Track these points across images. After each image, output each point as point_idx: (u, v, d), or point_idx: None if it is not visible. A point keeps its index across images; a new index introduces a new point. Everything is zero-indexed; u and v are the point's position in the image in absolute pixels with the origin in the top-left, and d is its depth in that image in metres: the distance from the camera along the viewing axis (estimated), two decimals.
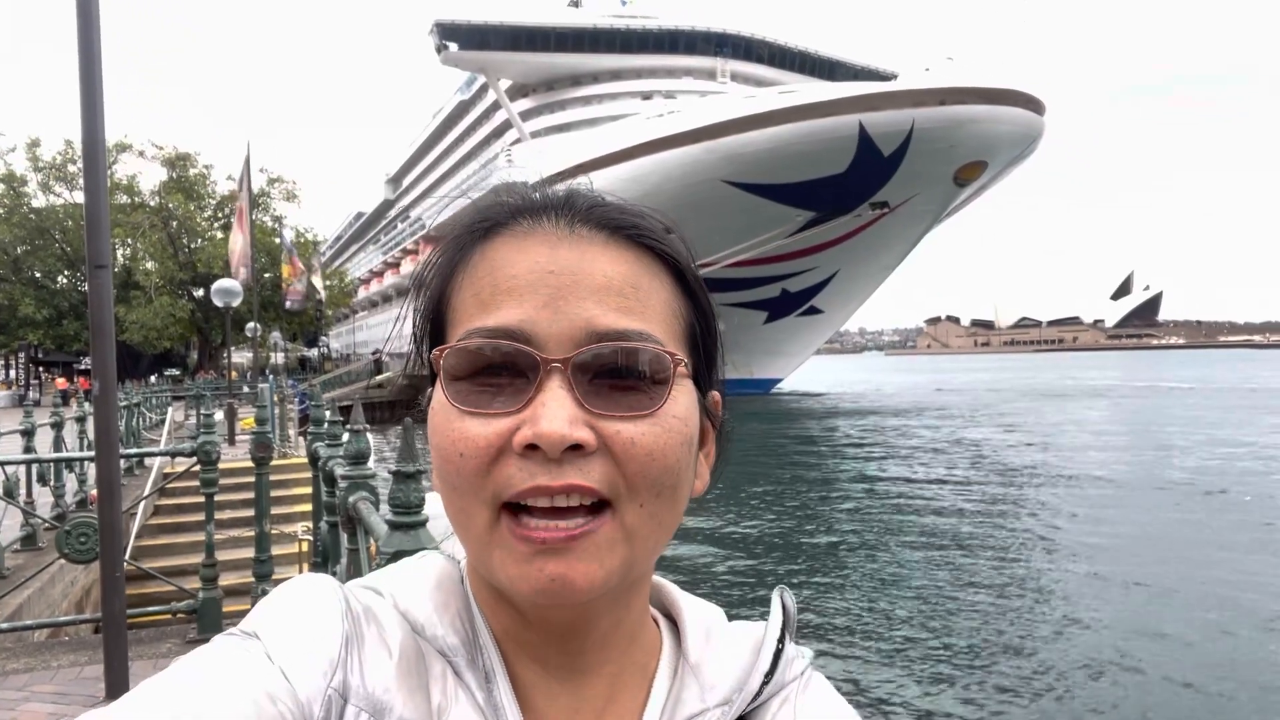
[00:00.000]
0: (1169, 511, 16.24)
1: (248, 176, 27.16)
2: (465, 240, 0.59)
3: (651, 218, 0.60)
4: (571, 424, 0.50)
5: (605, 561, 0.52)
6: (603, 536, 0.52)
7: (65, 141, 44.84)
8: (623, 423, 0.52)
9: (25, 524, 7.88)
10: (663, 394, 0.53)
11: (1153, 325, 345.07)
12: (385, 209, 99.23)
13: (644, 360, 0.53)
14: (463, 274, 0.58)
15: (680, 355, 0.55)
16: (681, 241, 0.61)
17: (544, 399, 0.51)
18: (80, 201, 41.40)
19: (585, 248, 0.55)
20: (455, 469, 0.52)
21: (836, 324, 57.39)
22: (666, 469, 0.53)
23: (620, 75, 55.45)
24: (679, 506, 0.56)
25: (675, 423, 0.54)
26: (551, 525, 0.51)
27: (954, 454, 25.50)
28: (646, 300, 0.56)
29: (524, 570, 0.51)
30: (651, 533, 0.54)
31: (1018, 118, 39.04)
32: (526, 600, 0.53)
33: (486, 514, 0.52)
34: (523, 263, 0.55)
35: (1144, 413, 40.54)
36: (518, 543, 0.51)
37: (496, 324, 0.53)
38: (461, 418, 0.52)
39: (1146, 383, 70.71)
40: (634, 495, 0.52)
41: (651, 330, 0.54)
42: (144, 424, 17.99)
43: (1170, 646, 9.05)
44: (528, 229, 0.57)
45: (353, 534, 3.11)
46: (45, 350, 48.42)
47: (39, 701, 4.30)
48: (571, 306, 0.53)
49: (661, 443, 0.53)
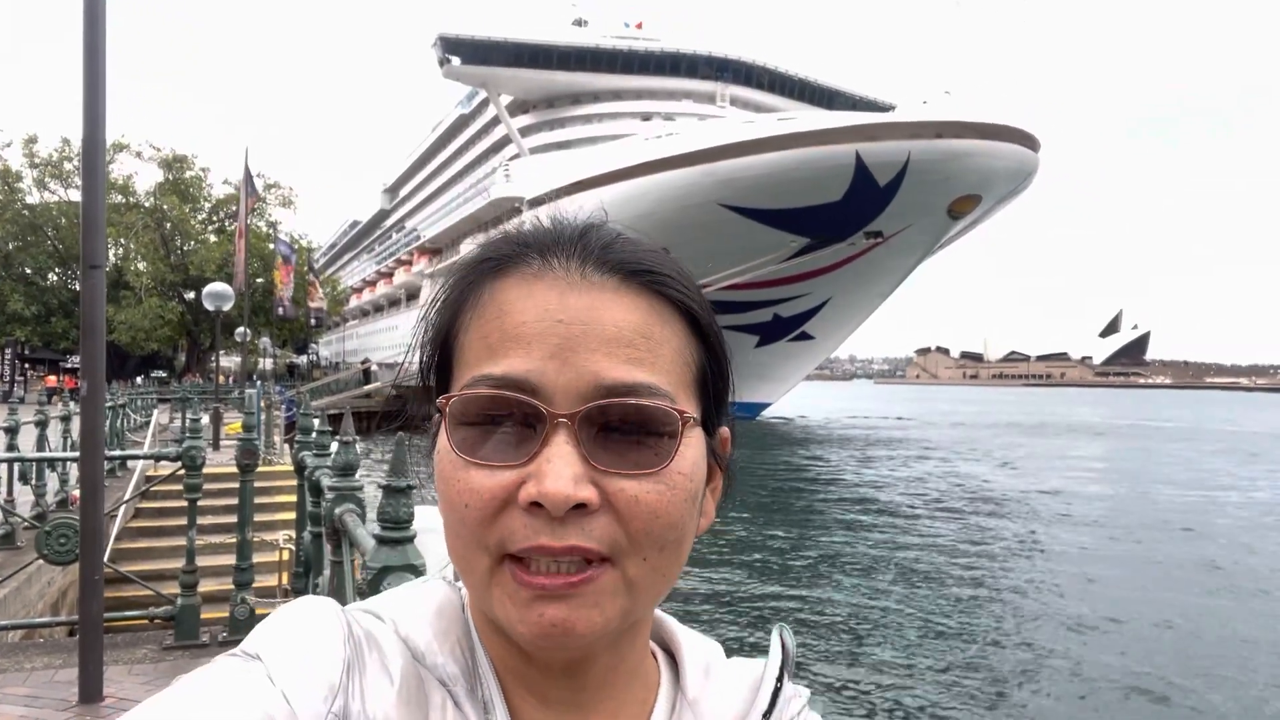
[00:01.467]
0: (1159, 548, 16.31)
1: (247, 181, 27.18)
2: (474, 276, 0.58)
3: (666, 259, 0.59)
4: (576, 483, 0.50)
5: (605, 609, 0.52)
6: (603, 585, 0.52)
7: (62, 139, 44.91)
8: (627, 480, 0.52)
9: (4, 522, 7.81)
10: (670, 449, 0.53)
11: (1140, 364, 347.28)
12: (381, 219, 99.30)
13: (651, 416, 0.53)
14: (471, 313, 0.57)
15: (688, 411, 0.54)
16: (693, 283, 0.60)
17: (550, 454, 0.51)
18: (75, 199, 41.36)
19: (596, 295, 0.54)
20: (459, 518, 0.53)
21: (827, 350, 57.50)
22: (670, 525, 0.53)
23: (621, 95, 55.77)
24: (682, 557, 0.56)
25: (681, 479, 0.53)
26: (552, 571, 0.51)
27: (943, 485, 25.55)
28: (657, 350, 0.55)
29: (524, 614, 0.51)
30: (653, 584, 0.55)
31: (1012, 153, 39.37)
32: (526, 644, 0.53)
33: (488, 561, 0.52)
34: (532, 309, 0.54)
35: (1135, 454, 40.72)
36: (519, 587, 0.51)
37: (504, 373, 0.52)
38: (466, 468, 0.52)
39: (1133, 421, 71.06)
40: (637, 551, 0.52)
41: (660, 382, 0.54)
42: (128, 425, 17.86)
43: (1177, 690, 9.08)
44: (538, 271, 0.56)
45: (337, 546, 3.09)
46: (32, 347, 48.17)
47: (10, 704, 4.24)
48: (580, 358, 0.52)
49: (666, 500, 0.52)
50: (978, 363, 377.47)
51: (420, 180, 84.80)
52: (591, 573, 0.51)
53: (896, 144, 37.71)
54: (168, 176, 47.83)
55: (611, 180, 44.19)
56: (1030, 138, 40.12)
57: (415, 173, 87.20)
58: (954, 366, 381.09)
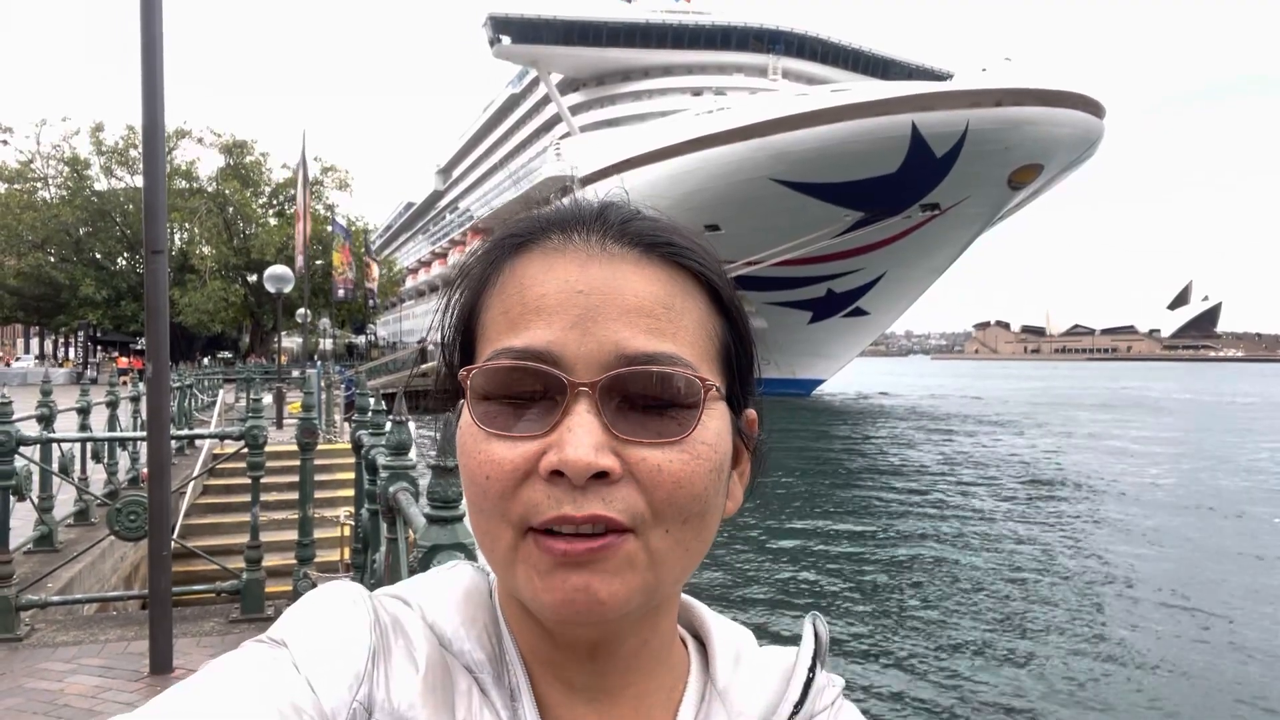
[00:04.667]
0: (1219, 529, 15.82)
1: (304, 167, 27.63)
2: (496, 255, 0.58)
3: (686, 232, 0.59)
4: (597, 451, 0.50)
5: (627, 579, 0.51)
6: (625, 553, 0.51)
7: (127, 127, 45.99)
8: (650, 449, 0.51)
9: (79, 499, 8.08)
10: (692, 419, 0.52)
11: (1211, 337, 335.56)
12: (435, 200, 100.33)
13: (673, 385, 0.52)
14: (493, 289, 0.57)
15: (711, 379, 0.54)
16: (714, 257, 0.59)
17: (570, 424, 0.50)
18: (140, 186, 42.16)
19: (617, 265, 0.54)
20: (481, 491, 0.52)
21: (882, 326, 56.77)
22: (694, 496, 0.52)
23: (671, 71, 55.37)
24: (708, 533, 0.55)
25: (704, 449, 0.53)
26: (575, 538, 0.50)
27: (1008, 466, 25.08)
28: (678, 321, 0.54)
29: (547, 583, 0.51)
30: (678, 559, 0.54)
31: (1076, 120, 38.17)
32: (550, 614, 0.52)
33: (511, 535, 0.52)
34: (552, 281, 0.54)
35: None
36: (542, 555, 0.51)
37: (524, 344, 0.52)
38: (488, 440, 0.52)
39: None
40: (660, 522, 0.52)
41: (682, 352, 0.53)
42: (195, 405, 18.39)
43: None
44: (559, 246, 0.56)
45: (392, 523, 3.14)
46: (104, 330, 49.79)
47: (86, 674, 4.42)
48: (600, 328, 0.52)
49: (689, 469, 0.52)
50: (1039, 337, 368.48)
51: (472, 161, 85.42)
52: (613, 539, 0.50)
53: (954, 113, 36.83)
54: (229, 162, 48.84)
55: (662, 157, 43.99)
56: (1095, 104, 38.83)
57: (467, 153, 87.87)
58: (1014, 341, 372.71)
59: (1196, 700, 8.11)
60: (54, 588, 5.81)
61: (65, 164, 46.67)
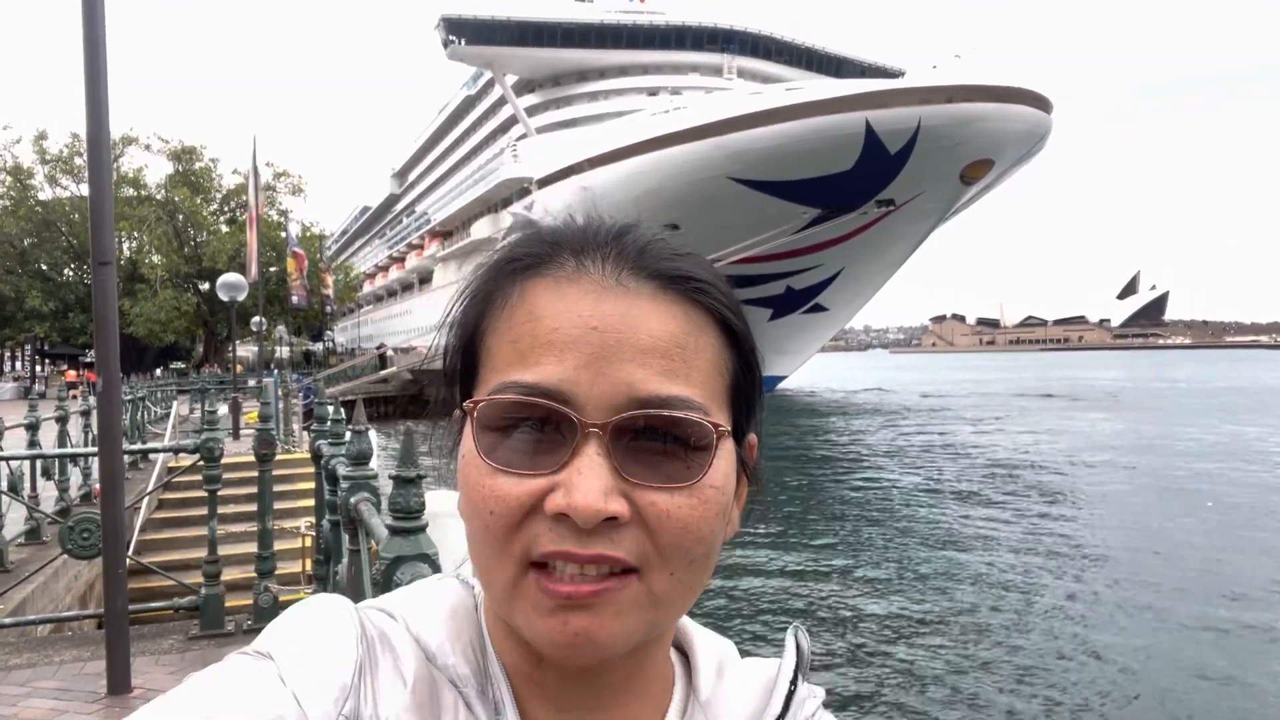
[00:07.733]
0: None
1: (255, 173, 27.20)
2: (504, 274, 0.57)
3: (703, 264, 0.57)
4: (606, 496, 0.49)
5: (629, 620, 0.51)
6: (628, 595, 0.51)
7: (72, 134, 45.00)
8: (659, 493, 0.51)
9: (29, 518, 7.88)
10: (703, 463, 0.52)
11: (1159, 325, 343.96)
12: (391, 203, 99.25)
13: (685, 429, 0.52)
14: (500, 313, 0.55)
15: (723, 424, 0.53)
16: (729, 289, 0.58)
17: (580, 465, 0.50)
18: (86, 195, 41.03)
19: (632, 301, 0.53)
20: (484, 524, 0.52)
21: (841, 321, 57.23)
22: (699, 540, 0.52)
23: (626, 71, 55.35)
24: (709, 568, 0.55)
25: (713, 493, 0.52)
26: (578, 578, 0.50)
27: (967, 457, 25.43)
28: (692, 360, 0.53)
29: (548, 624, 0.50)
30: (680, 597, 0.54)
31: (1025, 116, 38.83)
32: (548, 652, 0.52)
33: (512, 571, 0.51)
34: (565, 315, 0.52)
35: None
36: (543, 596, 0.50)
37: (535, 380, 0.51)
38: (493, 474, 0.51)
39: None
40: (665, 564, 0.51)
41: (695, 394, 0.52)
42: (149, 418, 18.01)
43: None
44: (571, 275, 0.54)
45: (354, 534, 3.11)
46: (51, 343, 48.60)
47: (41, 697, 4.31)
48: (613, 368, 0.51)
49: (698, 514, 0.51)
50: (994, 329, 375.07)
51: (429, 163, 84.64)
52: (616, 581, 0.50)
53: (907, 110, 37.25)
54: (177, 168, 47.94)
55: (620, 157, 43.92)
56: (1042, 99, 39.52)
57: (423, 156, 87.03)
58: (970, 333, 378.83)
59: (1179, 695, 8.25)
60: (5, 609, 5.66)
61: (8, 174, 45.50)
